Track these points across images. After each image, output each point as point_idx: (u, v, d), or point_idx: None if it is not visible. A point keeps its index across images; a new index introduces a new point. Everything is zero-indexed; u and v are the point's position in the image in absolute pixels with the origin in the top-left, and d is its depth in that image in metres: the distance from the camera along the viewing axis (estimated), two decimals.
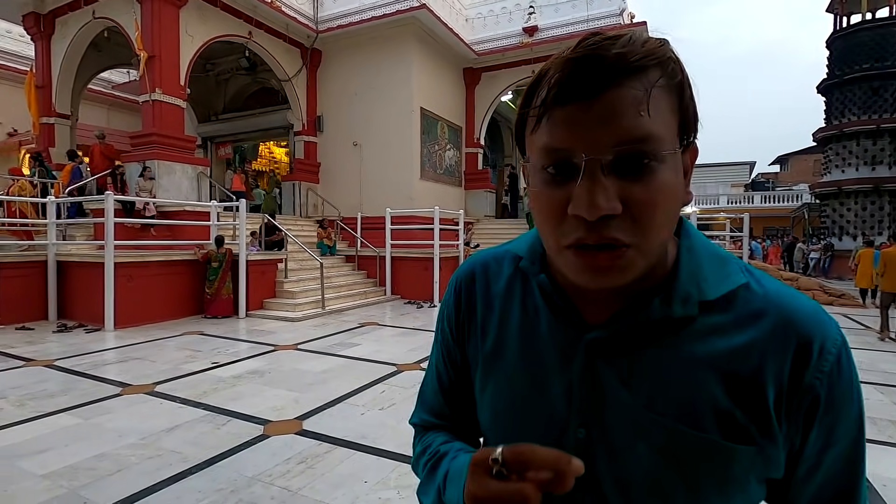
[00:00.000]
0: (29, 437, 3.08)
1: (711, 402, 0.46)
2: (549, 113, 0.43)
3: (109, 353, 5.38)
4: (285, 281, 8.42)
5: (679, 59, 0.45)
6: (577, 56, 0.42)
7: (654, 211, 0.42)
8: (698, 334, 0.47)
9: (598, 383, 0.49)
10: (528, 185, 0.48)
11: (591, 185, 0.41)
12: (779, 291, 0.49)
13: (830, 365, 0.45)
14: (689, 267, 0.49)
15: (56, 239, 7.28)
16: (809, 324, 0.46)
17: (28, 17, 10.60)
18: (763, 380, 0.45)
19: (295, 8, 11.45)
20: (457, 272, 0.65)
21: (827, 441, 0.47)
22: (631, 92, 0.41)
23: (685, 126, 0.45)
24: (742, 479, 0.46)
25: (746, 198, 28.50)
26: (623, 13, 12.01)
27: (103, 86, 14.61)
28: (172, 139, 9.18)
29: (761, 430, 0.45)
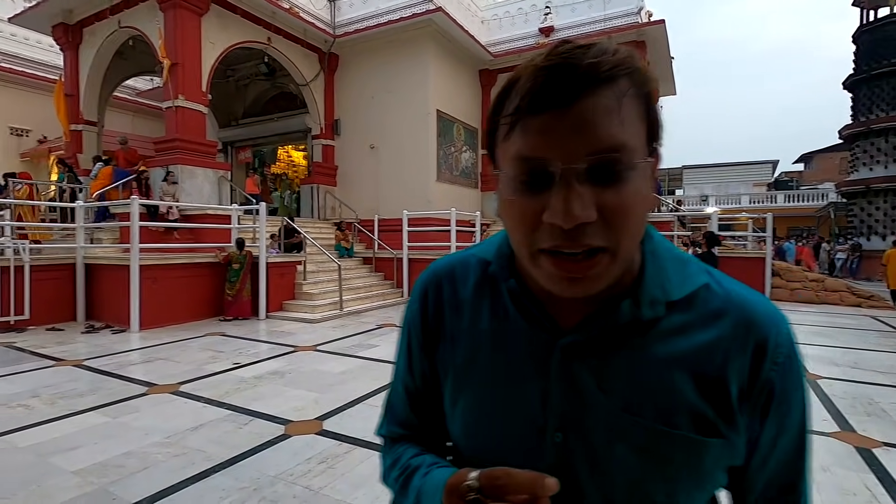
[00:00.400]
0: (60, 434, 3.18)
1: (683, 400, 0.48)
2: (522, 121, 0.43)
3: (135, 353, 5.52)
4: (304, 283, 8.52)
5: (647, 69, 0.45)
6: (550, 64, 0.42)
7: (627, 217, 0.43)
8: (665, 334, 0.49)
9: (575, 388, 0.50)
10: (500, 193, 0.48)
11: (567, 193, 0.41)
12: (738, 292, 0.52)
13: (784, 357, 0.49)
14: (654, 270, 0.51)
15: (84, 242, 7.49)
16: (766, 322, 0.50)
17: (57, 27, 10.96)
18: (727, 377, 0.48)
19: (313, 13, 11.61)
20: (421, 278, 0.63)
21: (780, 429, 0.50)
22: (603, 101, 0.41)
23: (652, 134, 0.46)
24: (712, 469, 0.49)
25: (769, 197, 27.89)
26: (641, 11, 11.87)
27: (128, 93, 15.00)
28: (195, 144, 9.38)
29: (727, 423, 0.48)
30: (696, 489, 0.49)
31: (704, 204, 27.87)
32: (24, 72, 13.59)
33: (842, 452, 2.96)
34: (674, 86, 15.63)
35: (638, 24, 11.64)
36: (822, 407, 3.76)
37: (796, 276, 10.40)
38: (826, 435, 3.22)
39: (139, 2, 9.54)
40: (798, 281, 10.31)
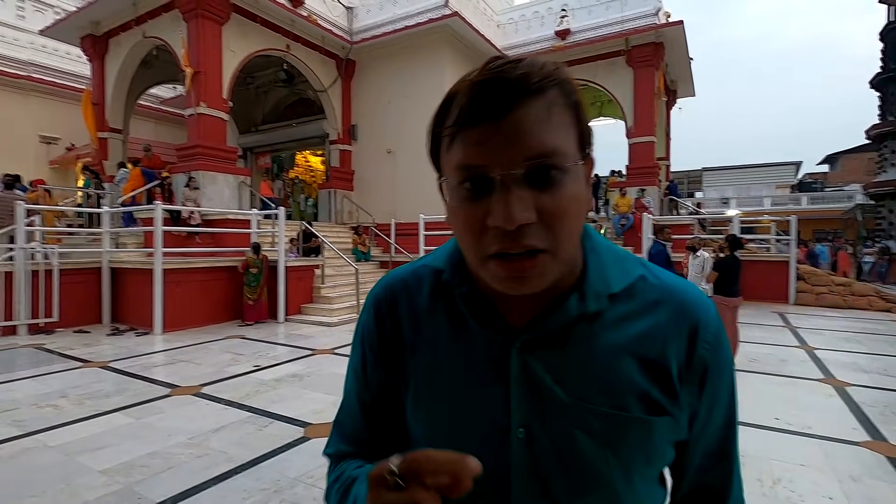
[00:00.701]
0: (87, 434, 3.26)
1: (631, 384, 0.52)
2: (461, 133, 0.46)
3: (158, 355, 5.64)
4: (322, 287, 8.60)
5: (572, 81, 0.49)
6: (484, 79, 0.45)
7: (564, 218, 0.46)
8: (610, 324, 0.53)
9: (533, 384, 0.53)
10: (445, 201, 0.50)
11: (507, 197, 0.44)
12: (670, 282, 0.57)
13: (712, 335, 0.55)
14: (595, 266, 0.55)
15: (109, 247, 7.69)
16: (696, 308, 0.55)
17: (85, 39, 11.32)
18: (667, 358, 0.53)
19: (330, 20, 11.77)
20: (374, 292, 0.64)
21: (713, 401, 0.56)
22: (534, 111, 0.45)
23: (582, 140, 0.49)
24: (661, 446, 0.53)
25: (793, 199, 27.27)
26: (659, 13, 11.75)
27: (152, 101, 15.38)
28: (216, 150, 9.57)
29: (671, 401, 0.53)
30: (646, 466, 0.53)
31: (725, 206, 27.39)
32: (54, 82, 14.04)
33: (872, 462, 2.87)
34: (693, 87, 15.42)
35: (656, 25, 11.53)
36: (852, 415, 3.66)
37: (822, 280, 10.13)
38: (856, 444, 3.13)
39: (163, 12, 9.80)
40: (824, 285, 10.04)
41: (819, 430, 3.35)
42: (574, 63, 12.64)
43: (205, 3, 9.08)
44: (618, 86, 12.25)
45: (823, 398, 4.07)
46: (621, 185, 12.14)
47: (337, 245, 9.56)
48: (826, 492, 2.52)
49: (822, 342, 6.30)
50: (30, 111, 13.66)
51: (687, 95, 16.03)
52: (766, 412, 3.70)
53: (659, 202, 12.32)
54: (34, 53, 13.88)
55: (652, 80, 11.80)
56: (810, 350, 5.84)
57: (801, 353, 5.73)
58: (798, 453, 2.98)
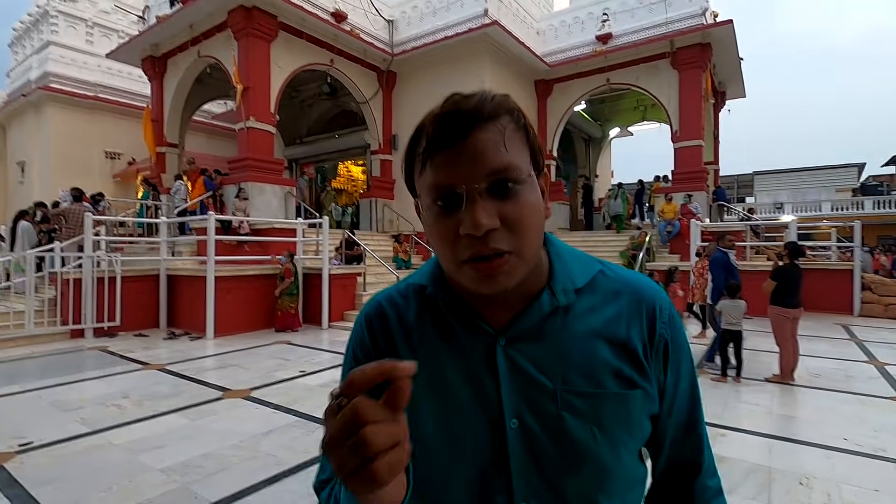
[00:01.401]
0: (148, 434, 3.43)
1: (605, 364, 0.59)
2: (430, 158, 0.54)
3: (210, 359, 5.88)
4: (364, 294, 8.75)
5: (521, 110, 0.57)
6: (444, 112, 0.54)
7: (524, 222, 0.53)
8: (580, 314, 0.61)
9: (521, 376, 0.59)
10: (422, 219, 0.58)
11: (473, 208, 0.52)
12: (626, 275, 0.66)
13: (668, 315, 0.63)
14: (560, 266, 0.63)
15: (167, 255, 8.12)
16: (650, 294, 0.64)
17: (146, 60, 12.10)
18: (632, 338, 0.60)
19: (372, 34, 12.07)
20: (364, 312, 0.69)
21: (678, 374, 0.64)
22: (489, 134, 0.53)
23: (535, 157, 0.57)
24: (638, 417, 0.60)
25: (855, 203, 25.57)
26: (706, 13, 11.38)
27: (204, 116, 16.21)
28: (264, 162, 9.97)
29: (641, 375, 0.60)
30: (629, 438, 0.59)
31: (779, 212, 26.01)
32: (118, 101, 15.06)
33: None
34: (743, 87, 14.82)
35: (703, 25, 11.17)
36: None
37: (891, 290, 9.43)
38: None
39: (216, 32, 10.34)
40: (893, 295, 9.34)
41: (894, 452, 3.10)
42: (616, 67, 12.42)
43: (255, 22, 9.52)
44: (662, 89, 11.92)
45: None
46: (667, 191, 11.76)
47: (378, 253, 9.73)
48: None
49: (893, 357, 5.85)
50: (97, 129, 14.70)
51: (737, 97, 15.41)
52: (834, 432, 3.46)
53: (707, 208, 11.85)
54: (101, 75, 14.95)
55: (699, 83, 11.41)
56: (880, 365, 5.43)
57: (869, 368, 5.34)
58: (871, 478, 2.77)
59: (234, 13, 9.58)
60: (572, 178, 16.86)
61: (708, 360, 5.38)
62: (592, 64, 12.65)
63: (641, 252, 9.66)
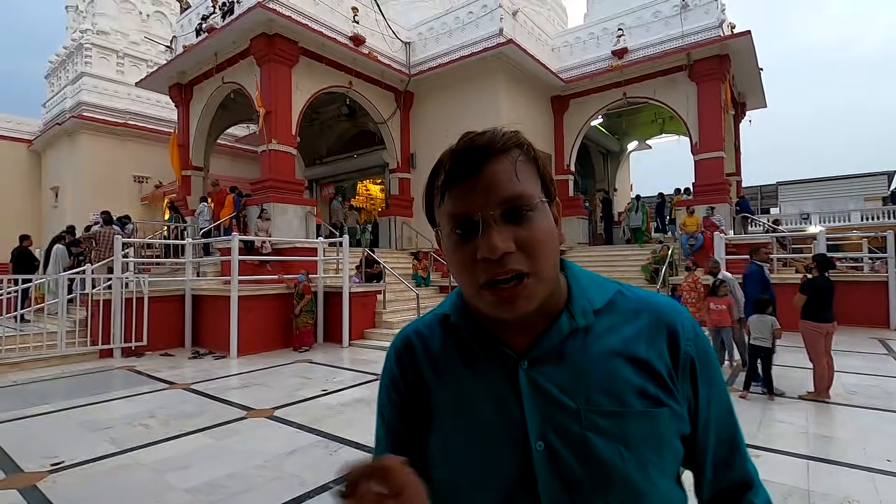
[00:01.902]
0: (174, 453, 3.47)
1: (628, 382, 0.59)
2: (449, 190, 0.59)
3: (234, 378, 5.95)
4: (384, 312, 8.77)
5: (531, 144, 0.61)
6: (460, 148, 0.59)
7: (538, 245, 0.57)
8: (600, 334, 0.62)
9: (544, 398, 0.59)
10: (443, 249, 0.62)
11: (489, 233, 0.55)
12: (644, 294, 0.67)
13: (692, 333, 0.64)
14: (578, 288, 0.65)
15: (192, 275, 8.29)
16: (670, 313, 0.64)
17: (173, 87, 12.57)
18: (653, 358, 0.61)
19: (389, 56, 12.32)
20: (393, 344, 0.73)
21: (710, 392, 0.64)
22: (502, 166, 0.57)
23: (545, 186, 0.61)
24: (667, 436, 0.59)
25: (887, 212, 24.76)
26: (723, 24, 11.32)
27: (228, 140, 16.68)
28: (285, 183, 10.18)
29: (666, 393, 0.60)
30: (658, 457, 0.58)
31: (806, 222, 25.33)
32: (146, 126, 15.63)
33: None
34: (764, 98, 14.61)
35: (720, 37, 11.10)
36: None
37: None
38: None
39: (240, 59, 10.70)
40: None
41: None
42: (632, 81, 12.40)
43: (276, 48, 9.83)
44: (680, 101, 11.83)
45: None
46: (688, 204, 11.58)
47: (398, 271, 9.76)
48: None
49: None
50: (126, 154, 15.25)
51: (758, 107, 15.19)
52: (875, 452, 3.31)
53: (731, 220, 11.61)
54: (130, 103, 15.58)
55: (718, 94, 11.31)
56: None
57: None
58: None
59: (257, 40, 9.91)
60: (591, 193, 16.74)
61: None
62: (608, 78, 12.66)
63: (664, 266, 9.48)
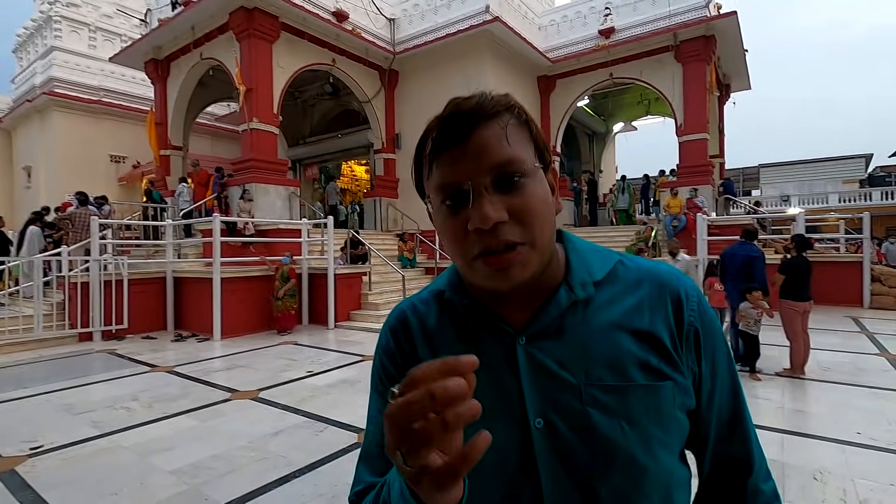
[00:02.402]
0: (157, 435, 3.44)
1: (630, 355, 0.57)
2: (436, 159, 0.55)
3: (218, 360, 5.90)
4: (369, 293, 8.75)
5: (522, 106, 0.57)
6: (447, 114, 0.55)
7: (532, 213, 0.54)
8: (600, 307, 0.60)
9: (543, 374, 0.57)
10: (434, 223, 0.58)
11: (480, 202, 0.52)
12: (646, 263, 0.65)
13: (696, 304, 0.61)
14: (577, 260, 0.62)
15: (173, 257, 8.14)
16: (673, 280, 0.62)
17: (148, 63, 12.14)
18: (657, 327, 0.59)
19: (373, 33, 12.04)
20: (388, 321, 0.70)
21: (714, 366, 0.61)
22: (491, 130, 0.54)
23: (540, 152, 0.58)
24: (670, 410, 0.57)
25: (863, 195, 25.32)
26: (709, 4, 11.26)
27: (208, 119, 16.25)
28: (267, 163, 9.98)
29: (670, 365, 0.58)
30: (663, 433, 0.56)
31: (786, 204, 25.81)
32: (122, 104, 15.13)
33: None
34: (748, 80, 14.68)
35: (706, 18, 11.06)
36: None
37: None
38: None
39: (218, 34, 10.35)
40: None
41: None
42: (619, 62, 12.33)
43: (256, 23, 9.52)
44: (666, 82, 11.83)
45: None
46: (672, 185, 11.68)
47: (383, 252, 9.72)
48: None
49: None
50: (101, 133, 14.78)
51: (742, 89, 15.27)
52: (847, 426, 3.42)
53: (713, 202, 11.75)
54: (104, 79, 15.03)
55: (703, 75, 11.32)
56: (892, 358, 5.37)
57: (881, 361, 5.29)
58: (887, 472, 2.73)
59: (236, 14, 9.58)
60: (576, 174, 16.77)
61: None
62: (595, 59, 12.57)
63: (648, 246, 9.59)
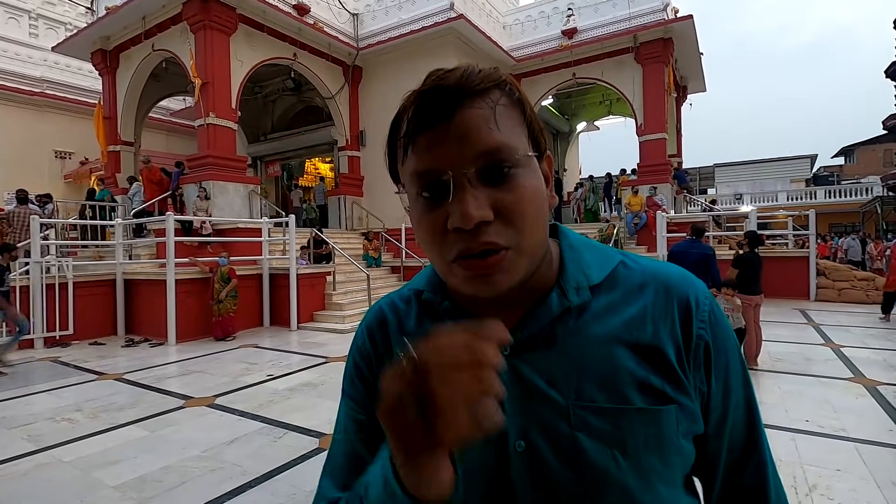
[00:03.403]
0: (102, 448, 3.23)
1: (628, 373, 0.49)
2: (412, 142, 0.47)
3: (172, 366, 5.63)
4: (334, 293, 8.57)
5: (514, 81, 0.49)
6: (426, 88, 0.47)
7: (523, 212, 0.46)
8: (596, 316, 0.52)
9: (527, 391, 0.50)
10: (409, 214, 0.50)
11: (462, 196, 0.44)
12: (652, 264, 0.56)
13: (707, 314, 0.52)
14: (573, 260, 0.54)
15: (123, 258, 7.73)
16: (682, 284, 0.53)
17: (96, 54, 11.47)
18: (661, 341, 0.50)
19: (336, 27, 11.80)
20: (365, 320, 0.64)
21: (726, 386, 0.52)
22: (478, 110, 0.45)
23: (534, 137, 0.49)
24: (673, 438, 0.49)
25: (809, 193, 26.74)
26: (667, 8, 11.59)
27: (162, 113, 15.55)
28: (225, 160, 9.62)
29: (674, 387, 0.49)
30: (663, 466, 0.49)
31: (739, 202, 26.95)
32: (67, 97, 14.26)
33: None
34: (704, 82, 15.21)
35: (664, 21, 11.38)
36: (887, 416, 3.51)
37: (844, 276, 9.88)
38: (894, 447, 2.98)
39: (171, 25, 9.89)
40: (846, 280, 9.79)
41: (854, 432, 3.21)
42: (581, 62, 12.54)
43: (212, 14, 9.15)
44: (627, 83, 12.11)
45: (855, 398, 3.92)
46: (633, 184, 11.98)
47: (348, 251, 9.54)
48: (868, 499, 2.39)
49: (848, 339, 6.11)
50: (44, 127, 13.89)
51: (698, 91, 15.82)
52: (796, 414, 3.56)
53: (672, 199, 12.13)
54: (47, 70, 14.13)
55: (661, 77, 11.64)
56: (836, 348, 5.66)
57: (827, 351, 5.56)
58: (833, 458, 2.85)
59: (190, 4, 9.17)
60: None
61: None
62: (558, 59, 12.73)
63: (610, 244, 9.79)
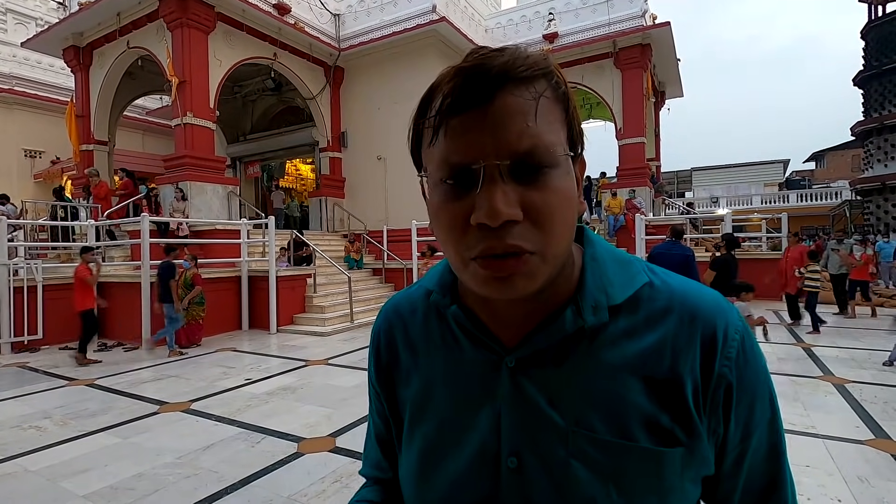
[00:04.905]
0: (71, 456, 3.14)
1: (636, 408, 0.46)
2: (444, 123, 0.43)
3: (146, 371, 5.50)
4: (314, 296, 8.48)
5: (562, 73, 0.45)
6: (467, 66, 0.42)
7: (553, 216, 0.42)
8: (612, 340, 0.47)
9: (525, 407, 0.48)
10: (429, 203, 0.46)
11: (491, 190, 0.41)
12: (681, 286, 0.50)
13: (736, 351, 0.47)
14: (594, 274, 0.49)
15: None
16: (711, 313, 0.47)
17: (68, 50, 11.15)
18: (679, 377, 0.46)
19: (318, 28, 11.71)
20: (376, 322, 0.63)
21: (747, 429, 0.48)
22: (520, 100, 0.41)
23: (572, 137, 0.46)
24: (676, 482, 0.46)
25: (781, 197, 27.50)
26: (645, 14, 11.81)
27: (138, 112, 15.21)
28: (203, 160, 9.44)
29: (685, 429, 0.46)
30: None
31: (715, 206, 27.57)
32: (37, 94, 13.85)
33: (879, 461, 2.83)
34: (681, 88, 15.52)
35: (643, 27, 11.59)
36: (854, 413, 3.62)
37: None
38: (861, 443, 3.08)
39: (147, 22, 9.69)
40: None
41: (822, 429, 3.30)
42: (561, 66, 12.33)
43: (190, 12, 8.99)
44: (606, 88, 12.28)
45: (824, 396, 4.04)
46: (612, 187, 12.16)
47: (329, 253, 9.46)
48: (835, 493, 2.46)
49: (817, 339, 6.29)
50: (13, 125, 13.46)
51: (675, 96, 16.13)
52: None
53: (650, 202, 12.34)
54: (17, 66, 13.70)
55: (640, 82, 11.84)
56: (807, 347, 5.82)
57: (797, 350, 5.71)
58: (802, 454, 2.93)
59: (166, 2, 8.99)
60: None
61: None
62: None
63: None
